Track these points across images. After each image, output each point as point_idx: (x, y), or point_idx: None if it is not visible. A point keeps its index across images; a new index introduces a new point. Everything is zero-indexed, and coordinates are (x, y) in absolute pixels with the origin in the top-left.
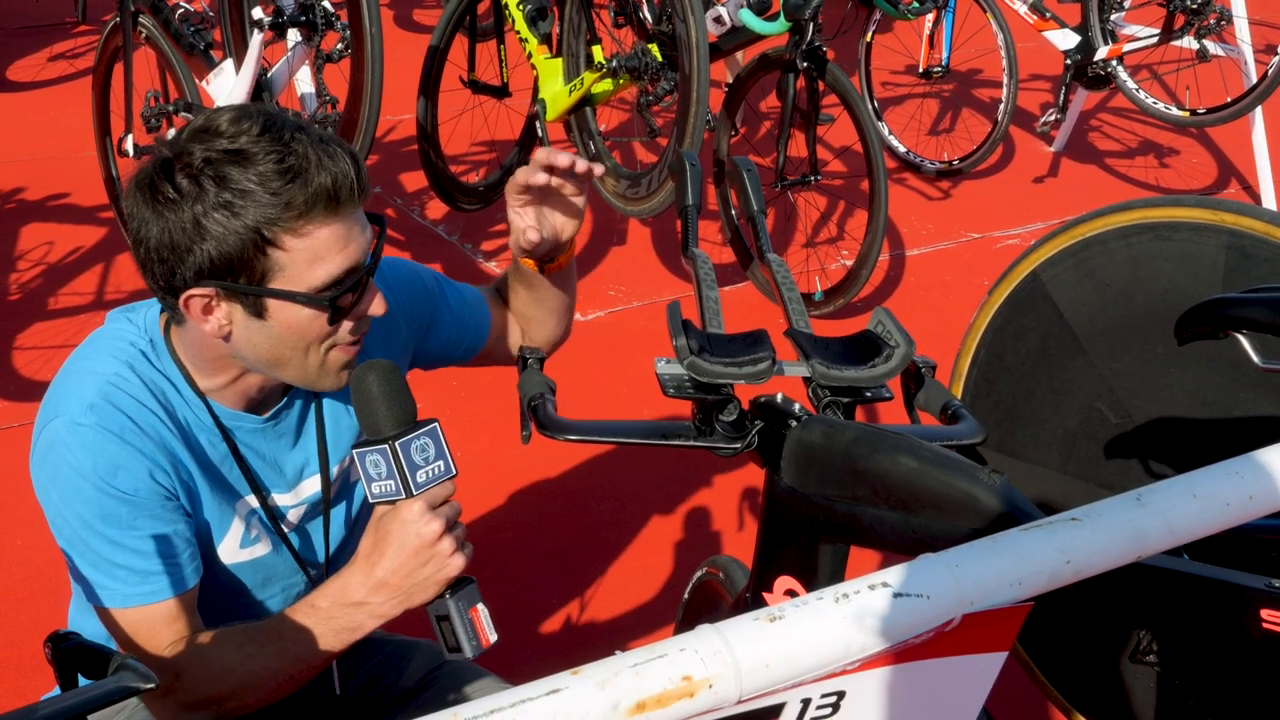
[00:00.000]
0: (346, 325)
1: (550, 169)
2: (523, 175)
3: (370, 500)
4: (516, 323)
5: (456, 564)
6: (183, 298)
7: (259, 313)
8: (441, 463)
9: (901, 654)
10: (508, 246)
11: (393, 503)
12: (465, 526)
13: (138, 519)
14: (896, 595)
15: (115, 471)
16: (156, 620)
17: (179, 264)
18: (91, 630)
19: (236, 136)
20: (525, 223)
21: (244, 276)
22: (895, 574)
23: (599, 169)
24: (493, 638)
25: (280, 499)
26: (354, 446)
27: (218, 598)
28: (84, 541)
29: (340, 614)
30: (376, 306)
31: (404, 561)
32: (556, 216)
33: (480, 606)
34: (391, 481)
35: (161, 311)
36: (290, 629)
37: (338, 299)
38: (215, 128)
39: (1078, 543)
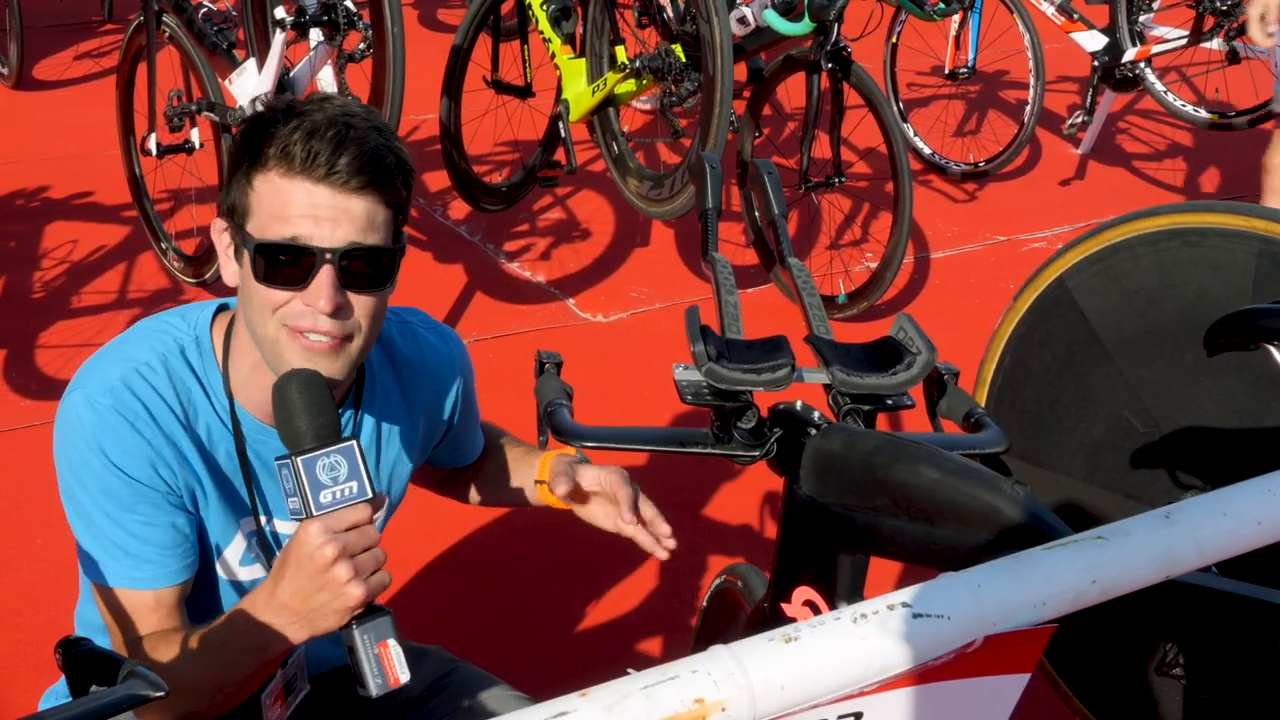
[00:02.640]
0: (294, 303)
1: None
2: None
3: (289, 516)
4: (469, 481)
5: (353, 594)
6: (217, 228)
7: (240, 258)
8: (355, 484)
9: (921, 675)
10: (529, 247)
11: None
12: (383, 554)
13: (139, 504)
14: (916, 616)
15: (121, 454)
16: (140, 606)
17: (224, 195)
18: (96, 621)
19: (316, 101)
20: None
21: (237, 214)
22: (915, 594)
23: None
24: (403, 678)
25: (282, 526)
26: (276, 459)
27: (214, 614)
28: (88, 511)
29: (251, 631)
30: (319, 299)
31: (300, 585)
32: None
33: (391, 642)
34: (296, 499)
35: (216, 312)
36: (213, 641)
37: (269, 252)
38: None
39: (1104, 562)
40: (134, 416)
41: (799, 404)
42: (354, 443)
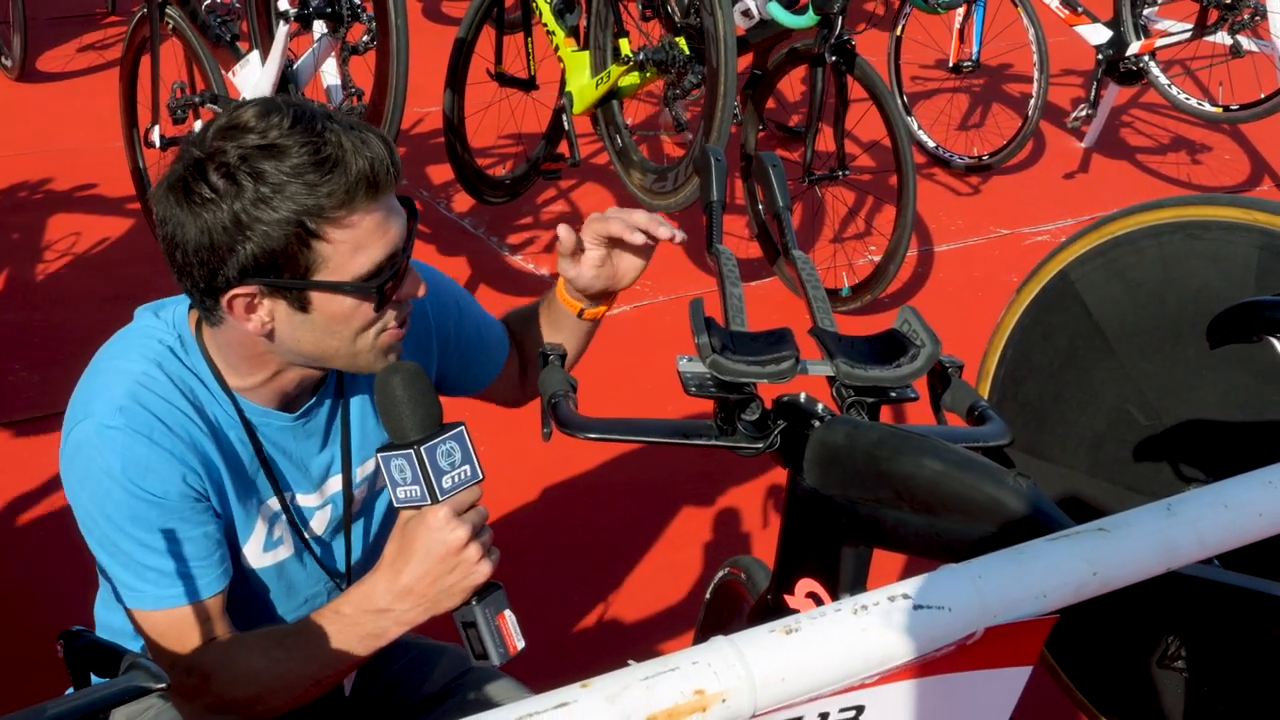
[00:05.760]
0: (391, 311)
1: (647, 234)
2: (616, 229)
3: (395, 505)
4: (522, 362)
5: (483, 571)
6: (225, 298)
7: (303, 307)
8: (468, 467)
9: (922, 667)
10: (533, 240)
11: (418, 508)
12: (492, 531)
13: (168, 521)
14: (917, 607)
15: (145, 474)
16: (186, 622)
17: (220, 265)
18: (117, 624)
19: (266, 131)
20: (594, 256)
21: (287, 272)
22: (916, 585)
23: (680, 236)
24: (520, 644)
25: (305, 500)
26: (379, 451)
27: (242, 604)
28: (114, 543)
29: (365, 620)
30: (417, 290)
31: (429, 568)
32: (624, 260)
33: (507, 613)
34: (417, 487)
35: (191, 308)
36: (316, 634)
37: (383, 285)
38: (243, 124)
39: (1105, 554)
40: (150, 430)
41: (803, 396)
42: (463, 427)
